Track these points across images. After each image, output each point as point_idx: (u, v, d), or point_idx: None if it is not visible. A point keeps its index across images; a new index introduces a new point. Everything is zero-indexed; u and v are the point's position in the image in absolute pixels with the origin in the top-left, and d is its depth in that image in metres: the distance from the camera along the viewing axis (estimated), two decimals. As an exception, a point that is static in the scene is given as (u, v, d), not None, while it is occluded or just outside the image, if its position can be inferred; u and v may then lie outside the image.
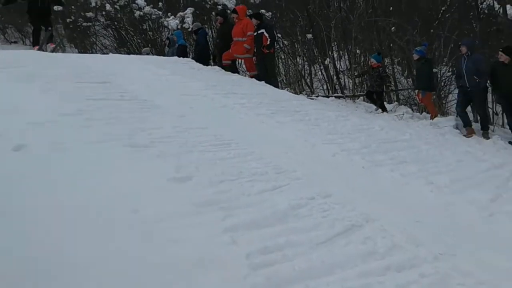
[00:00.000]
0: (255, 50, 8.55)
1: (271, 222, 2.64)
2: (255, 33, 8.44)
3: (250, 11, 10.42)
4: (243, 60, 9.44)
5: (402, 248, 2.70)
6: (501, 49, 6.77)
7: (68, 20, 14.34)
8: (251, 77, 8.55)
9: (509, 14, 11.19)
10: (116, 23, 14.40)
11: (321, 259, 2.39)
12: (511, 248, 3.20)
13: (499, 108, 8.98)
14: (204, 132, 4.18)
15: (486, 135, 6.67)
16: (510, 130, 6.79)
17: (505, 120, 7.37)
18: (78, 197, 2.59)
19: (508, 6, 11.45)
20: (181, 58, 8.98)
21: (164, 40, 12.59)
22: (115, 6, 13.89)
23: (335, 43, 12.90)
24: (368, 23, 11.89)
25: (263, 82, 7.80)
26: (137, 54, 11.86)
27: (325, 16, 11.98)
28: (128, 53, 12.41)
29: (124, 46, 14.13)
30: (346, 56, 12.18)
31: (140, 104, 4.84)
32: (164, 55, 10.80)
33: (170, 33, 11.91)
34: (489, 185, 4.33)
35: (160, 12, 13.89)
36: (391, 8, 12.81)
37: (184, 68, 7.62)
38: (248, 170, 3.41)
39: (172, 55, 9.77)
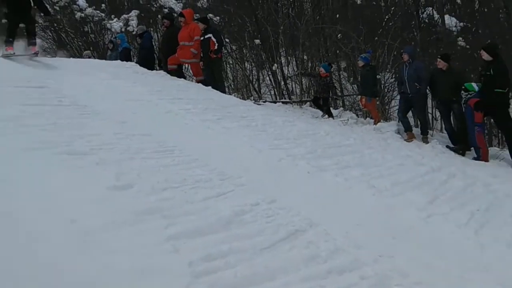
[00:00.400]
0: (201, 55, 8.54)
1: (214, 229, 2.64)
2: (202, 38, 8.43)
3: (197, 15, 10.40)
4: (189, 65, 9.39)
5: (344, 252, 2.79)
6: (439, 56, 7.19)
7: (3, 20, 13.64)
8: (198, 82, 8.52)
9: (447, 24, 11.94)
10: (55, 24, 13.88)
11: (265, 264, 2.42)
12: (447, 249, 3.40)
13: (438, 114, 9.49)
14: (147, 138, 4.12)
15: (425, 140, 7.04)
16: (447, 135, 7.20)
17: (444, 125, 7.79)
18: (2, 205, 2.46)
19: (446, 16, 12.21)
20: (125, 62, 8.79)
21: (107, 43, 12.29)
22: (55, 7, 13.41)
23: (283, 49, 13.15)
24: (315, 30, 12.22)
25: (209, 87, 7.80)
26: (78, 57, 11.48)
27: (273, 22, 12.19)
28: (68, 56, 11.99)
29: (64, 48, 13.65)
30: (294, 62, 12.46)
31: (80, 110, 4.70)
32: (106, 58, 10.52)
33: (113, 36, 11.65)
34: (427, 187, 4.57)
35: (103, 14, 13.57)
36: (337, 16, 13.26)
37: (128, 73, 7.47)
38: (192, 177, 3.40)
39: (115, 59, 9.55)
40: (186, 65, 9.60)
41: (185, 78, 8.95)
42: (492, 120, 7.72)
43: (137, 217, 2.63)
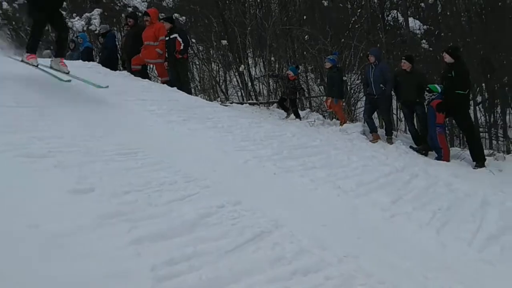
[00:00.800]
0: (166, 55, 8.46)
1: (178, 232, 2.63)
2: (168, 38, 8.36)
3: (162, 14, 10.31)
4: (154, 65, 9.29)
5: (309, 253, 2.83)
6: (404, 57, 7.41)
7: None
8: (163, 83, 8.44)
9: (411, 27, 12.28)
10: (14, 22, 13.43)
11: (229, 267, 2.43)
12: (410, 248, 3.50)
13: (402, 115, 9.75)
14: (109, 140, 4.05)
15: (390, 140, 7.23)
16: (411, 136, 7.42)
17: (407, 126, 8.01)
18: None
19: (410, 19, 12.56)
20: (87, 62, 8.60)
21: (68, 42, 11.96)
22: (14, 4, 12.97)
23: (251, 50, 13.20)
24: (282, 31, 12.33)
25: (175, 88, 7.74)
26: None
27: (241, 22, 12.22)
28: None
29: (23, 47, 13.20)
30: (261, 63, 12.53)
31: (37, 111, 4.56)
32: (66, 58, 10.24)
33: (75, 35, 11.37)
34: (391, 188, 4.70)
35: (64, 13, 13.20)
36: (304, 18, 13.42)
37: (90, 73, 7.31)
38: (156, 179, 3.36)
39: (77, 58, 9.32)
40: (151, 65, 9.49)
41: (149, 78, 8.83)
42: (453, 120, 8.00)
43: (99, 221, 2.58)
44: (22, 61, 5.51)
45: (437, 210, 4.19)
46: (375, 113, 8.20)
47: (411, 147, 6.94)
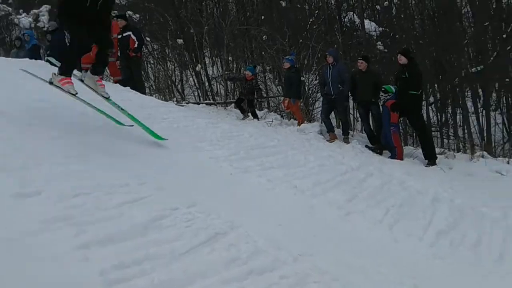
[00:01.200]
0: (119, 53, 8.29)
1: (129, 236, 2.58)
2: (120, 36, 8.20)
3: (115, 12, 10.08)
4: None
5: (264, 252, 2.86)
6: (360, 57, 7.61)
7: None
8: (115, 82, 8.27)
9: (367, 29, 12.60)
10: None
11: (183, 269, 2.41)
12: (365, 245, 3.61)
13: (358, 114, 10.00)
14: (56, 142, 3.91)
15: (346, 140, 7.40)
16: (366, 135, 7.62)
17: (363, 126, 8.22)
18: None
19: (366, 21, 12.89)
20: (34, 60, 8.29)
21: (13, 39, 11.52)
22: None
23: (208, 49, 13.14)
24: (240, 31, 12.35)
25: (128, 88, 7.60)
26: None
27: (197, 21, 12.15)
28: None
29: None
30: (219, 63, 12.50)
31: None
32: (11, 56, 9.85)
33: (21, 33, 10.95)
34: (346, 186, 4.82)
35: (10, 9, 12.70)
36: (262, 17, 13.50)
37: (37, 72, 7.05)
38: (107, 182, 3.29)
39: (24, 57, 8.96)
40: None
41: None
42: (407, 120, 8.28)
43: (45, 226, 2.49)
44: (51, 83, 4.55)
45: (390, 207, 4.34)
46: (332, 113, 8.36)
47: (366, 146, 7.14)
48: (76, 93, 4.46)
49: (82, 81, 4.76)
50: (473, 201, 4.90)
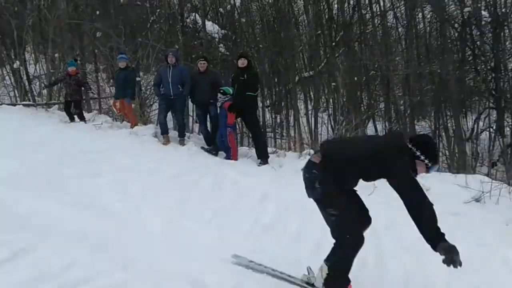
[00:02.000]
0: None
1: None
2: None
3: None
4: None
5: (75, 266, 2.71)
6: (202, 58, 7.72)
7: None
8: None
9: (210, 31, 12.89)
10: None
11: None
12: (193, 247, 3.62)
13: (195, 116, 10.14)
14: None
15: (182, 142, 7.42)
16: (203, 137, 7.76)
17: (200, 127, 8.33)
18: None
19: (209, 23, 13.18)
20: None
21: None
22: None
23: (30, 45, 12.06)
24: (70, 26, 11.60)
25: None
26: None
27: (19, 13, 11.04)
28: None
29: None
30: (44, 60, 11.54)
31: None
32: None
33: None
34: (178, 190, 4.82)
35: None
36: (97, 13, 12.83)
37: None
38: None
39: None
40: None
41: None
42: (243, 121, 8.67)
43: None
44: None
45: (219, 207, 4.49)
46: (170, 115, 8.32)
47: (202, 147, 7.26)
48: None
49: None
50: (297, 194, 5.27)
